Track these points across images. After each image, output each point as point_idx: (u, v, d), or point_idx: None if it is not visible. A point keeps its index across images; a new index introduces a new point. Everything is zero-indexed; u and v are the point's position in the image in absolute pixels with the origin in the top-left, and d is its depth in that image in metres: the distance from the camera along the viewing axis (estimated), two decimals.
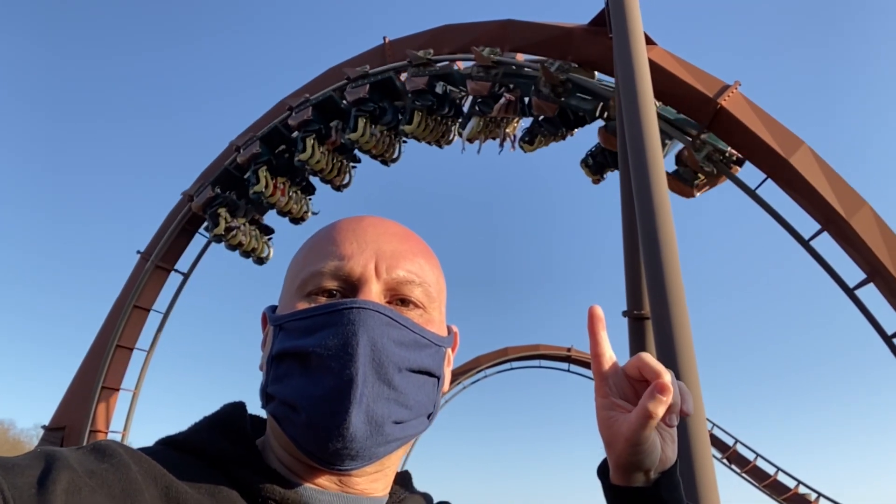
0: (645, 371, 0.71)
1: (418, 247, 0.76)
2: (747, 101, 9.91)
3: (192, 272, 16.10)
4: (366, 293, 0.69)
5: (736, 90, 9.86)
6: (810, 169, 9.68)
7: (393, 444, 0.68)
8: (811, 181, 9.60)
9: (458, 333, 0.81)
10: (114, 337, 15.02)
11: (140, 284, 15.32)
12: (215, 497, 0.63)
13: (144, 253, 15.68)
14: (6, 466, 0.55)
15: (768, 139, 9.76)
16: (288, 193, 13.79)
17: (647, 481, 0.73)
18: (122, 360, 15.42)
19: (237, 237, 14.27)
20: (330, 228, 0.76)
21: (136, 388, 15.72)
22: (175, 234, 15.43)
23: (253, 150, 13.35)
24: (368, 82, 12.53)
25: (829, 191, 9.57)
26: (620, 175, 9.39)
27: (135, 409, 15.74)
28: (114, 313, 15.47)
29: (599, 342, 0.75)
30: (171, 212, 15.69)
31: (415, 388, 0.68)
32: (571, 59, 10.95)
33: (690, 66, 10.15)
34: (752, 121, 9.80)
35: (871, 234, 9.43)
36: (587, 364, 21.79)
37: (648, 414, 0.68)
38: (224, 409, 0.77)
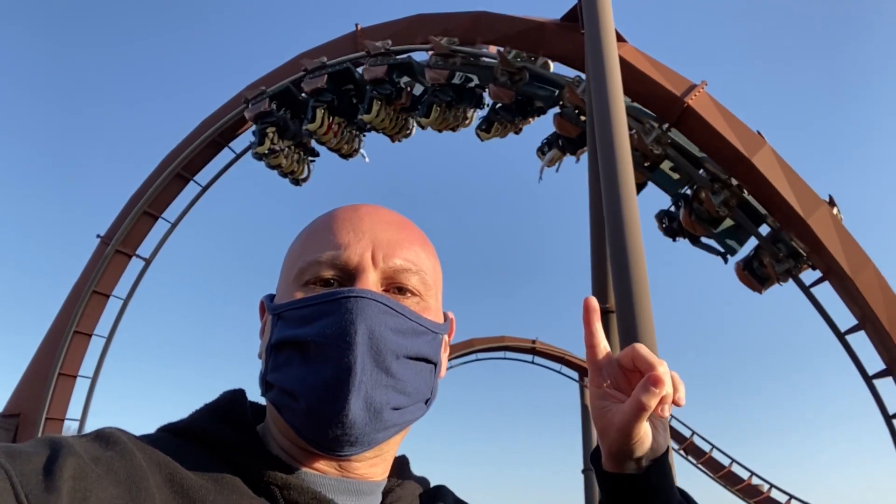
0: (639, 362, 0.71)
1: (414, 235, 0.77)
2: (713, 101, 10.11)
3: (155, 258, 15.79)
4: (363, 282, 0.69)
5: (702, 90, 10.05)
6: (771, 169, 9.95)
7: (391, 430, 0.69)
8: (772, 180, 9.86)
9: (454, 320, 0.82)
10: (72, 323, 14.65)
11: (100, 269, 14.96)
12: (218, 483, 0.64)
13: (105, 237, 15.30)
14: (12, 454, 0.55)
15: (731, 138, 9.98)
16: (341, 133, 13.21)
17: (638, 468, 0.74)
18: (80, 347, 15.05)
19: (279, 159, 13.56)
20: (326, 217, 0.77)
21: (94, 376, 15.37)
22: (137, 217, 15.09)
23: (318, 83, 12.60)
24: (326, 73, 12.43)
25: (788, 190, 9.85)
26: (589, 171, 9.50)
27: (92, 397, 15.41)
28: (72, 298, 15.08)
29: (594, 333, 0.76)
30: (134, 196, 15.34)
31: (412, 375, 0.69)
32: (543, 53, 11.02)
33: (659, 65, 10.31)
34: (716, 120, 10.01)
35: (828, 234, 9.74)
36: (551, 356, 22.08)
37: (641, 406, 0.69)
38: (224, 397, 0.78)
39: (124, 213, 15.31)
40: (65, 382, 14.79)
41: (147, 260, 15.73)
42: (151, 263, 15.80)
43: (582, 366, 21.86)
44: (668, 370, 0.71)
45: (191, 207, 15.69)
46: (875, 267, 9.84)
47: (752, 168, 9.91)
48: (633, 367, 0.73)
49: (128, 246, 15.31)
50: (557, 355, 22.06)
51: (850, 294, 9.96)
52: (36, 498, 0.51)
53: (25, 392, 14.62)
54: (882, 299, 9.65)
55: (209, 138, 14.74)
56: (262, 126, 13.27)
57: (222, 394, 0.78)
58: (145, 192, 15.09)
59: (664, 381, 0.69)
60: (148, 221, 15.46)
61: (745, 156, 9.88)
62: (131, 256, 15.52)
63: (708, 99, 10.08)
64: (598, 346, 0.76)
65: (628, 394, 0.73)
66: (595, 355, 0.76)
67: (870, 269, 9.78)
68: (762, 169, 9.85)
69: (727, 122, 10.02)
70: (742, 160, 9.97)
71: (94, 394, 15.39)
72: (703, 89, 10.06)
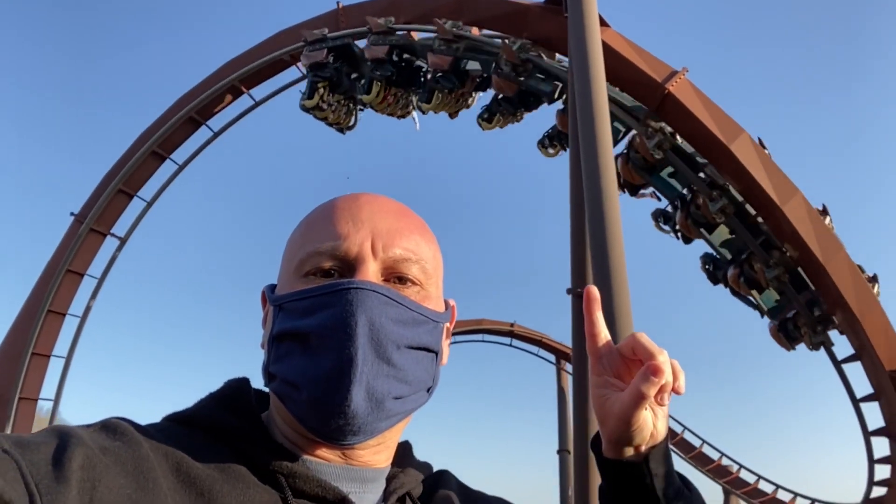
0: (639, 351, 0.72)
1: (414, 223, 0.77)
2: (693, 88, 10.18)
3: (130, 237, 15.56)
4: (363, 273, 0.69)
5: (683, 76, 10.10)
6: (748, 156, 10.07)
7: (394, 419, 0.70)
8: (749, 168, 9.99)
9: (455, 307, 0.83)
10: (45, 302, 14.41)
11: (73, 248, 14.70)
12: (224, 472, 0.65)
13: (79, 215, 15.02)
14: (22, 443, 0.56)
15: (711, 126, 10.07)
16: (396, 102, 12.84)
17: (637, 455, 0.75)
18: (53, 327, 14.82)
19: (326, 113, 13.24)
20: (326, 207, 0.77)
21: (68, 356, 15.17)
22: (112, 195, 14.83)
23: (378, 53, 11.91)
24: (327, 46, 12.15)
25: (765, 178, 9.98)
26: (570, 154, 9.53)
27: (67, 378, 15.22)
28: (45, 277, 14.81)
29: (595, 322, 0.76)
30: (108, 173, 15.05)
31: (414, 364, 0.70)
32: (527, 35, 10.97)
33: (641, 50, 10.33)
34: (696, 107, 10.08)
35: (802, 222, 9.91)
36: (529, 339, 22.26)
37: (641, 395, 0.70)
38: (229, 385, 0.78)
39: (98, 190, 15.02)
40: (38, 362, 14.58)
41: (122, 239, 15.50)
42: (126, 242, 15.58)
43: (559, 349, 22.07)
44: (668, 359, 0.71)
45: (167, 186, 15.46)
46: (846, 254, 10.06)
47: (729, 155, 10.02)
48: (634, 355, 0.73)
49: (102, 224, 15.05)
50: (535, 338, 22.24)
51: (821, 281, 10.18)
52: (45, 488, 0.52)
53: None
54: (852, 286, 9.87)
55: (186, 115, 14.49)
56: (315, 79, 12.74)
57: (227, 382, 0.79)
58: (120, 170, 14.81)
59: (664, 371, 0.69)
60: (123, 200, 15.19)
61: (724, 143, 9.98)
62: (106, 235, 15.26)
63: (688, 86, 10.15)
64: (598, 334, 0.76)
65: (628, 382, 0.73)
66: (596, 344, 0.77)
67: (841, 256, 10.00)
68: (740, 157, 9.97)
69: (707, 109, 10.10)
70: (720, 147, 10.08)
71: (68, 374, 15.22)
72: (684, 76, 10.12)
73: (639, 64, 10.17)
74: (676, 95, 10.03)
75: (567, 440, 21.00)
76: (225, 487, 0.63)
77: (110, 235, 15.34)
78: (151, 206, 15.51)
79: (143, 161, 14.82)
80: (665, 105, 10.25)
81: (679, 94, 10.04)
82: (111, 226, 15.28)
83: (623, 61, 10.03)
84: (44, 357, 14.71)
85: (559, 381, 22.65)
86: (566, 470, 20.91)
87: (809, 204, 10.09)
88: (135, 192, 15.21)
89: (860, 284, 9.95)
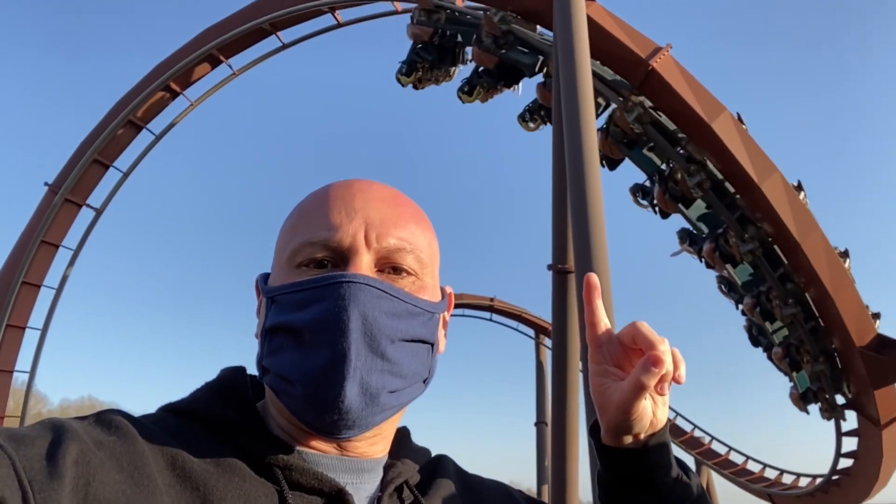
0: (639, 340, 0.71)
1: (409, 211, 0.75)
2: (677, 65, 10.16)
3: (106, 208, 15.29)
4: (356, 264, 0.68)
5: (667, 53, 10.08)
6: (729, 134, 10.12)
7: (389, 412, 0.69)
8: (729, 146, 10.05)
9: (452, 294, 0.81)
10: (20, 273, 14.16)
11: (48, 219, 14.41)
12: (220, 465, 0.64)
13: (53, 185, 14.70)
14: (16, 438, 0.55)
15: (693, 103, 10.09)
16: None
17: (636, 443, 0.75)
18: (28, 298, 14.59)
19: (422, 85, 13.17)
20: (319, 195, 0.75)
21: (43, 328, 14.98)
22: (87, 165, 14.52)
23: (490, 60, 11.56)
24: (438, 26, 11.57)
25: (744, 156, 10.06)
26: (553, 130, 9.51)
27: (42, 350, 15.05)
28: (19, 248, 14.53)
29: (595, 311, 0.75)
30: (83, 143, 14.71)
31: (408, 357, 0.69)
32: (512, 8, 10.85)
33: (626, 26, 10.28)
34: (679, 84, 10.09)
35: (780, 200, 10.03)
36: (509, 314, 22.40)
37: (640, 385, 0.69)
38: (224, 375, 0.77)
39: (73, 160, 14.69)
40: (13, 334, 14.38)
41: (98, 210, 15.23)
42: (103, 213, 15.32)
43: (538, 323, 22.27)
44: (668, 348, 0.71)
45: (144, 156, 15.18)
46: (821, 232, 10.22)
47: (710, 133, 10.07)
48: (634, 344, 0.72)
49: (77, 195, 14.75)
50: (515, 313, 22.40)
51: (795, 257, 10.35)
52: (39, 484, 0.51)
53: None
54: (826, 264, 10.06)
55: (163, 84, 14.16)
56: (415, 58, 12.38)
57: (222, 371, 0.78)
58: (95, 140, 14.49)
59: (664, 361, 0.69)
60: (99, 170, 14.89)
61: (705, 120, 10.02)
62: (81, 206, 14.98)
63: (672, 62, 10.13)
64: (598, 323, 0.76)
65: (628, 371, 0.73)
66: (596, 332, 0.76)
67: (816, 234, 10.15)
68: (720, 134, 10.02)
69: (690, 86, 10.11)
70: (702, 124, 10.12)
71: (43, 346, 15.04)
72: (668, 52, 10.10)
73: (623, 39, 10.12)
74: (660, 72, 10.01)
75: (545, 413, 21.32)
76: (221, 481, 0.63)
77: (86, 206, 15.06)
78: (128, 176, 15.24)
79: (118, 131, 14.50)
80: (648, 81, 10.23)
81: (663, 70, 10.02)
82: (87, 196, 14.99)
83: (608, 36, 9.97)
84: (19, 329, 14.51)
85: (538, 355, 22.89)
86: (543, 442, 21.28)
87: (787, 183, 10.21)
88: (111, 163, 14.91)
89: (834, 262, 10.14)
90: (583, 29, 8.21)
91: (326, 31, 14.07)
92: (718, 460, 19.62)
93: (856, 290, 10.23)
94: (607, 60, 10.44)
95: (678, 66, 10.16)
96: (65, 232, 14.96)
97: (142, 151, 15.09)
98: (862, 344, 10.01)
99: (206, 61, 14.14)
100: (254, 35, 13.84)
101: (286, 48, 14.32)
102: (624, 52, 10.17)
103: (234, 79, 14.63)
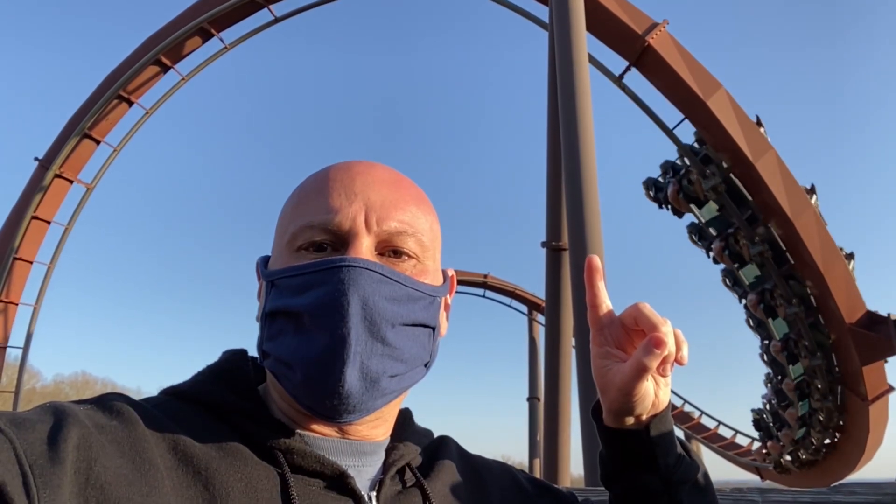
0: (641, 322, 0.71)
1: (410, 193, 0.74)
2: (673, 41, 10.09)
3: (98, 182, 15.17)
4: (356, 248, 0.68)
5: (664, 29, 10.00)
6: (725, 112, 10.10)
7: (390, 397, 0.69)
8: (724, 124, 10.03)
9: (454, 277, 0.80)
10: (11, 249, 14.08)
11: (39, 195, 14.29)
12: (222, 450, 0.64)
13: (43, 160, 14.55)
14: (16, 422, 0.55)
15: (689, 80, 10.04)
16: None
17: (638, 424, 0.75)
18: (21, 274, 14.53)
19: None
20: (318, 177, 0.74)
21: (36, 303, 14.93)
22: (78, 140, 14.36)
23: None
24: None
25: (740, 134, 10.05)
26: (548, 106, 9.46)
27: (35, 325, 15.03)
28: (11, 223, 14.44)
29: (597, 293, 0.75)
30: (73, 118, 14.54)
31: (409, 342, 0.69)
32: None
33: (622, 0, 10.17)
34: (675, 61, 10.03)
35: (773, 177, 10.05)
36: (502, 290, 22.48)
37: (642, 367, 0.69)
38: (226, 358, 0.77)
39: (63, 135, 14.52)
40: (6, 310, 14.36)
41: (89, 186, 15.10)
42: (94, 189, 15.20)
43: (531, 300, 22.36)
44: (671, 329, 0.70)
45: (134, 132, 15.02)
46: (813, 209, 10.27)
47: (706, 109, 10.04)
48: (636, 326, 0.72)
49: (68, 170, 14.61)
50: (508, 289, 22.48)
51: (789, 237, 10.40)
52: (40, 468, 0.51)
53: None
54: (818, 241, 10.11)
55: (153, 58, 13.96)
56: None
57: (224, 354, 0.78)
58: (85, 114, 14.31)
59: (666, 343, 0.68)
60: (89, 145, 14.73)
61: (701, 97, 9.99)
62: (72, 182, 14.85)
63: (669, 38, 10.05)
64: (600, 305, 0.76)
65: (630, 353, 0.73)
66: (597, 314, 0.76)
67: (809, 212, 10.20)
68: (716, 111, 9.99)
69: (686, 63, 10.05)
70: (697, 102, 10.08)
71: (36, 322, 15.02)
72: (665, 28, 10.01)
73: (619, 14, 10.03)
74: (656, 48, 9.94)
75: (537, 388, 21.53)
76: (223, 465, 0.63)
77: (77, 182, 14.92)
78: (118, 151, 15.09)
79: (109, 105, 14.32)
80: (644, 58, 10.16)
81: (659, 46, 9.96)
82: (78, 172, 14.85)
83: (603, 11, 9.87)
84: (12, 304, 14.48)
85: (531, 331, 23.04)
86: (536, 416, 21.52)
87: (782, 161, 10.21)
88: (101, 138, 14.74)
89: (825, 240, 10.19)
90: (579, 3, 8.12)
91: (320, 4, 13.88)
92: (707, 434, 19.92)
93: (846, 268, 10.31)
94: (603, 35, 10.36)
95: (675, 42, 10.09)
96: (56, 208, 14.85)
97: (132, 126, 14.95)
98: (852, 321, 10.12)
99: (197, 35, 13.93)
100: (246, 7, 13.63)
101: (279, 21, 14.12)
102: (619, 27, 10.08)
103: (226, 53, 14.45)
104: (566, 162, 7.45)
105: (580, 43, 8.00)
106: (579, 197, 7.11)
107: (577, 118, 7.50)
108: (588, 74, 7.91)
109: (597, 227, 7.00)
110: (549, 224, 8.94)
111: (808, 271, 10.43)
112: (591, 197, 7.09)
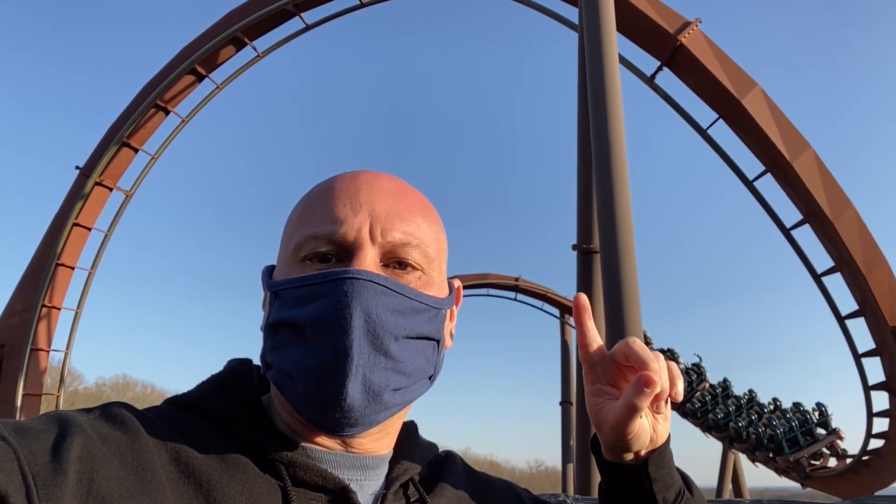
0: (631, 359, 0.69)
1: (415, 204, 0.74)
2: (706, 40, 9.92)
3: (136, 191, 15.56)
4: (360, 260, 0.67)
5: (696, 27, 9.84)
6: (760, 111, 9.88)
7: (393, 410, 0.68)
8: (760, 123, 9.82)
9: (460, 288, 0.80)
10: (54, 255, 14.52)
11: (80, 202, 14.72)
12: (224, 461, 0.64)
13: (84, 169, 14.98)
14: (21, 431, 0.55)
15: (723, 79, 9.86)
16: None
17: (637, 459, 0.74)
18: (63, 279, 14.97)
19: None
20: (323, 187, 0.74)
21: (78, 308, 15.37)
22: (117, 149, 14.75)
23: None
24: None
25: (776, 133, 9.83)
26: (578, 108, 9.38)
27: (77, 329, 15.46)
28: (53, 231, 14.89)
29: (586, 332, 0.74)
30: (112, 127, 14.94)
31: (413, 355, 0.68)
32: None
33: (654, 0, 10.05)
34: (709, 60, 9.86)
35: (812, 177, 9.79)
36: (534, 293, 22.35)
37: (633, 406, 0.67)
38: (231, 368, 0.77)
39: (102, 144, 14.94)
40: (49, 314, 14.79)
41: (128, 193, 15.49)
42: (133, 196, 15.59)
43: (563, 303, 22.17)
44: (662, 366, 0.69)
45: (171, 139, 15.37)
46: (855, 210, 9.96)
47: (741, 109, 9.84)
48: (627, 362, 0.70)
49: (108, 178, 15.02)
50: (539, 293, 22.34)
51: (829, 237, 10.11)
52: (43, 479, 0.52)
53: (10, 323, 14.62)
54: (859, 242, 9.81)
55: (188, 68, 14.27)
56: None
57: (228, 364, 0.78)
58: (123, 124, 14.70)
59: (656, 382, 0.67)
60: (128, 154, 15.13)
61: (736, 97, 9.80)
62: (112, 189, 15.25)
63: (701, 37, 9.89)
64: (591, 343, 0.74)
65: (623, 389, 0.71)
66: (588, 352, 0.74)
67: (850, 212, 9.90)
68: (751, 110, 9.79)
69: (720, 61, 9.87)
70: (732, 100, 9.89)
71: (78, 326, 15.45)
72: (697, 27, 9.86)
73: (650, 14, 9.90)
74: (689, 47, 9.79)
75: (570, 392, 21.32)
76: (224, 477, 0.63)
77: (116, 189, 15.33)
78: (156, 159, 15.46)
79: (146, 114, 14.69)
80: (676, 57, 10.02)
81: (691, 45, 9.80)
82: (117, 180, 15.25)
83: (634, 11, 9.76)
84: (55, 309, 14.92)
85: (563, 334, 22.84)
86: (569, 421, 21.30)
87: (820, 159, 9.95)
88: (140, 147, 15.13)
89: (867, 240, 9.89)
90: (609, 3, 8.04)
91: (350, 10, 14.02)
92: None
93: (889, 269, 9.99)
94: (633, 35, 10.24)
95: (708, 40, 9.92)
96: (96, 214, 15.27)
97: (169, 134, 15.30)
98: (895, 323, 9.79)
99: (230, 44, 14.19)
100: (278, 16, 13.84)
101: (310, 29, 14.30)
102: (651, 27, 9.96)
103: (259, 61, 14.69)
104: (597, 164, 7.37)
105: (610, 44, 7.92)
106: (610, 199, 7.03)
107: (608, 120, 7.42)
108: (619, 75, 7.82)
109: (628, 229, 6.91)
110: (580, 227, 8.85)
111: (848, 272, 10.12)
112: (622, 199, 7.01)
